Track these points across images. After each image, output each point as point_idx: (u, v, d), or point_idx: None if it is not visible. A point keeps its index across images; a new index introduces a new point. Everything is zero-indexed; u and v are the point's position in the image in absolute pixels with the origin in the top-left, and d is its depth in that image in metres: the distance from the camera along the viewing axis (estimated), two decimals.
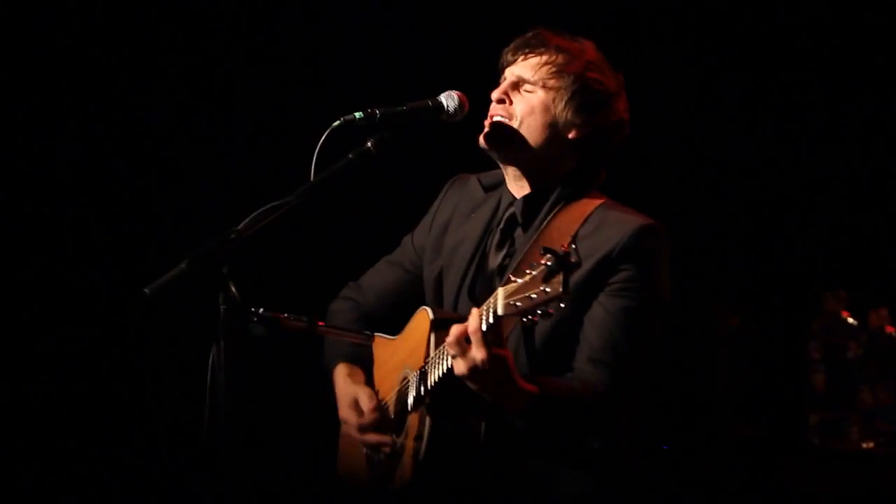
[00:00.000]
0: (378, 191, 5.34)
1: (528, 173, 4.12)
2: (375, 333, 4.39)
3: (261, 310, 3.77)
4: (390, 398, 4.19)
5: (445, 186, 4.42)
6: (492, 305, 3.60)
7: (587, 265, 3.94)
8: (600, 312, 3.93)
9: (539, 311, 3.48)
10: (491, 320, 3.63)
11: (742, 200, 7.59)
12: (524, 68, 4.10)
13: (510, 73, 4.13)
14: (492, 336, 3.69)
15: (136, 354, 7.03)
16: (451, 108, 4.06)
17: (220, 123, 7.08)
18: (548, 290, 3.45)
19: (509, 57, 4.14)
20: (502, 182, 4.23)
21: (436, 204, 4.41)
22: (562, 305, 3.45)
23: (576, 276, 3.86)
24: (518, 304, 3.50)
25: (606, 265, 3.94)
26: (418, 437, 3.92)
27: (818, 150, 7.53)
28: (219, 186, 6.93)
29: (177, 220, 6.86)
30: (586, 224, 4.00)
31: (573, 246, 3.48)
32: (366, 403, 4.21)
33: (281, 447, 6.97)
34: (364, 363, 4.41)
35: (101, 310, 6.99)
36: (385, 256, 4.53)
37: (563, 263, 3.43)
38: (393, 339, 4.30)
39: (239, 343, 3.69)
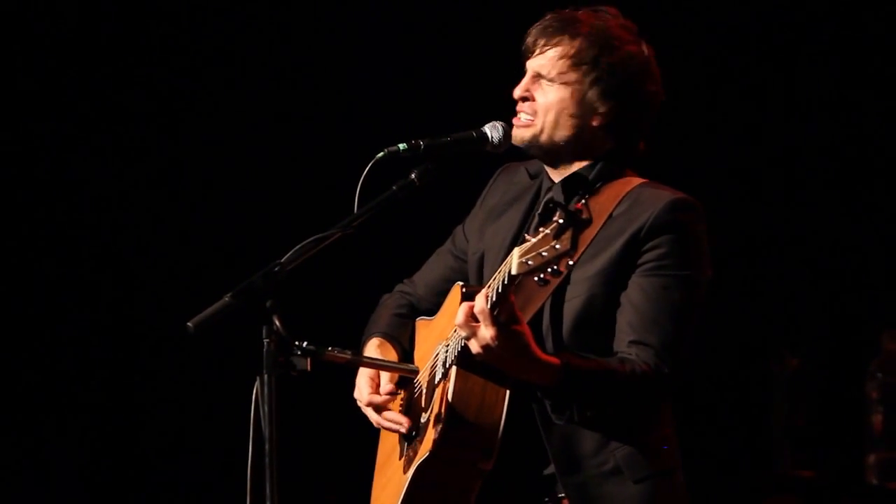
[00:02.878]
0: (424, 223, 5.30)
1: (562, 162, 4.06)
2: (420, 318, 4.35)
3: (304, 343, 3.73)
4: (424, 376, 4.14)
5: (496, 173, 4.35)
6: (506, 269, 3.56)
7: (618, 243, 3.89)
8: (638, 293, 3.88)
9: (549, 269, 3.45)
10: (499, 289, 3.60)
11: (801, 239, 7.53)
12: (542, 62, 4.02)
13: (530, 67, 4.06)
14: (504, 311, 3.66)
15: (179, 389, 7.05)
16: (496, 139, 4.03)
17: (264, 157, 7.11)
18: (557, 246, 3.42)
19: (529, 46, 4.06)
20: (544, 169, 4.19)
21: (486, 189, 4.35)
22: (570, 262, 3.43)
23: (606, 255, 3.87)
24: (530, 262, 3.47)
25: (637, 241, 3.88)
26: (440, 409, 3.88)
27: (873, 190, 7.46)
28: (263, 219, 6.94)
29: (222, 254, 6.87)
30: (621, 203, 3.94)
31: (584, 202, 3.48)
32: (384, 379, 4.17)
33: (323, 481, 6.95)
34: (402, 343, 4.35)
35: (145, 343, 7.02)
36: (437, 248, 4.48)
37: (573, 219, 3.41)
38: (432, 319, 4.27)
39: (283, 377, 3.67)
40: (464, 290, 3.95)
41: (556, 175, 4.10)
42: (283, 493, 3.59)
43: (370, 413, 4.19)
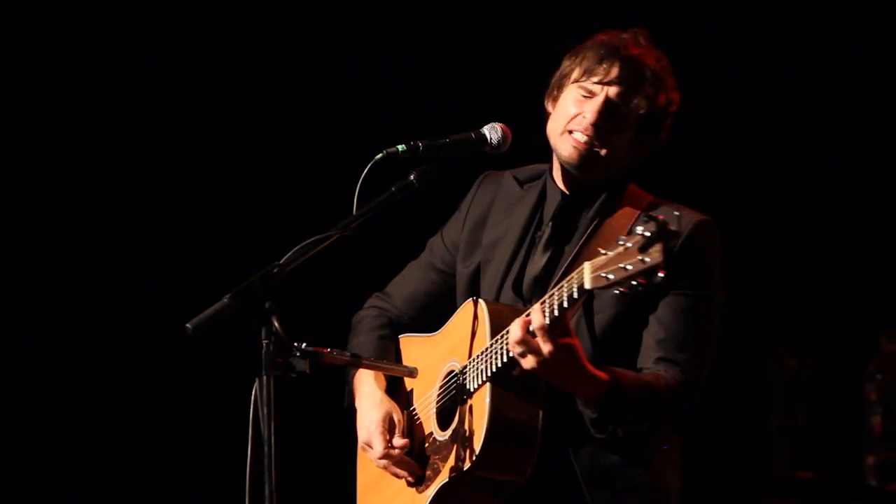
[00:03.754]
0: (423, 224, 5.31)
1: (591, 180, 4.11)
2: (404, 334, 4.34)
3: (304, 344, 3.73)
4: (428, 396, 4.13)
5: (476, 183, 4.37)
6: (574, 284, 3.59)
7: None
8: (666, 312, 3.95)
9: (634, 282, 3.46)
10: (565, 305, 3.63)
11: (800, 240, 7.52)
12: (620, 100, 4.06)
13: (604, 93, 4.06)
14: (559, 327, 3.69)
15: (179, 390, 7.05)
16: (495, 141, 4.04)
17: (264, 157, 7.11)
18: (646, 259, 3.43)
19: (605, 70, 4.07)
20: (540, 176, 4.21)
21: (467, 200, 4.37)
22: (660, 275, 3.43)
23: None
24: (610, 276, 3.49)
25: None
26: (468, 427, 3.88)
27: (873, 191, 7.45)
28: (262, 220, 6.94)
29: (221, 255, 6.86)
30: (639, 220, 3.93)
31: (676, 214, 3.47)
32: (397, 435, 4.15)
33: (322, 482, 6.95)
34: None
35: (145, 343, 7.02)
36: (411, 262, 4.48)
37: (664, 232, 3.41)
38: (430, 336, 4.26)
39: (282, 378, 3.67)
40: (487, 308, 3.96)
41: (563, 184, 4.14)
42: (282, 493, 3.59)
43: (377, 462, 4.17)
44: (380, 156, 3.94)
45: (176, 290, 6.94)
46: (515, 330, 3.74)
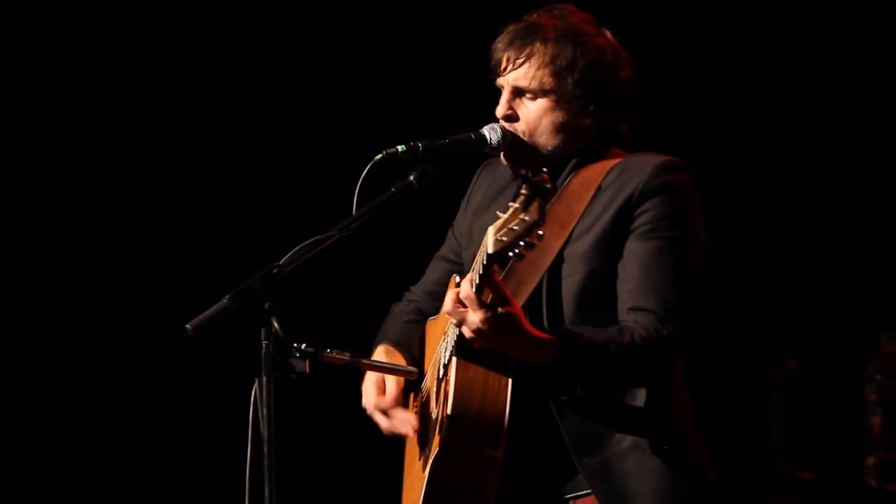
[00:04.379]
0: (423, 225, 5.30)
1: (555, 160, 4.05)
2: (429, 318, 4.35)
3: (303, 345, 3.73)
4: (432, 376, 4.14)
5: (478, 171, 4.37)
6: (483, 249, 3.56)
7: (609, 213, 3.90)
8: (633, 259, 3.88)
9: (522, 243, 3.45)
10: (480, 270, 3.61)
11: (800, 240, 7.52)
12: (518, 77, 4.02)
13: (506, 83, 4.05)
14: (491, 292, 3.66)
15: (178, 390, 7.05)
16: (495, 141, 4.04)
17: (263, 158, 7.11)
18: (526, 217, 3.43)
19: (500, 62, 4.05)
20: None
21: (470, 189, 4.37)
22: (540, 233, 3.43)
23: (599, 227, 3.89)
24: (503, 238, 3.47)
25: (629, 207, 3.90)
26: (445, 403, 3.87)
27: (873, 191, 7.46)
28: (262, 221, 6.94)
29: (220, 256, 6.87)
30: (609, 174, 3.96)
31: (545, 171, 3.46)
32: (391, 386, 4.16)
33: (322, 482, 6.95)
34: (410, 349, 4.33)
35: (144, 344, 7.02)
36: (435, 253, 4.48)
37: (538, 189, 3.42)
38: (437, 318, 4.27)
39: (281, 379, 3.67)
40: (458, 281, 3.94)
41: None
42: (282, 494, 3.59)
43: (380, 419, 4.18)
44: (379, 156, 3.94)
45: (176, 291, 6.94)
46: (447, 301, 3.75)
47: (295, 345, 3.71)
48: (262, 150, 7.13)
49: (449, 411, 3.82)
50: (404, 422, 4.12)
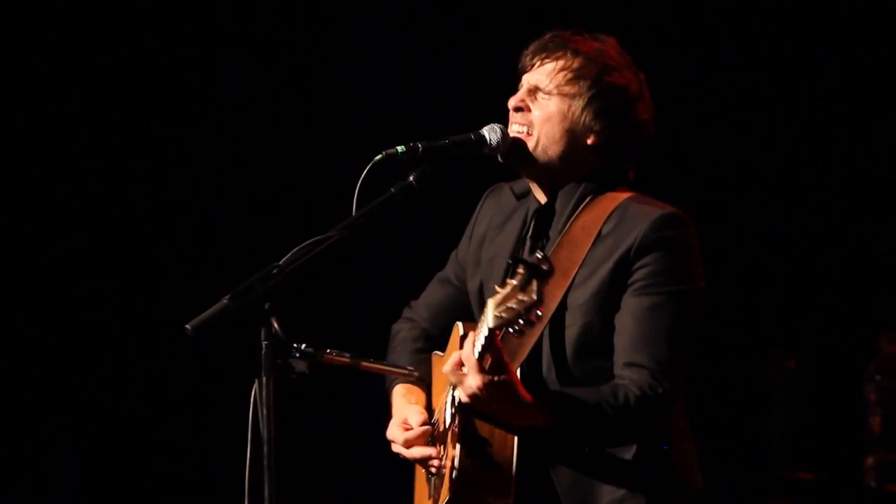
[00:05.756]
0: (422, 222, 5.34)
1: (550, 181, 4.06)
2: (436, 352, 4.35)
3: (303, 345, 3.74)
4: (441, 415, 4.14)
5: (483, 198, 4.36)
6: (485, 321, 3.57)
7: (608, 265, 3.90)
8: (628, 314, 3.88)
9: (521, 321, 3.46)
10: (482, 340, 3.61)
11: (799, 240, 7.52)
12: (540, 75, 4.03)
13: (527, 80, 4.06)
14: (491, 358, 3.66)
15: (178, 391, 7.05)
16: (494, 142, 4.03)
17: (263, 159, 7.11)
18: (524, 298, 3.43)
19: (527, 61, 4.07)
20: (530, 188, 4.18)
21: (474, 216, 4.35)
22: (539, 313, 3.44)
23: (597, 279, 3.88)
24: (503, 315, 3.48)
25: (626, 262, 3.89)
26: (453, 452, 3.88)
27: (872, 191, 7.46)
28: (261, 221, 6.94)
29: (220, 256, 6.87)
30: (608, 221, 3.95)
31: (542, 254, 3.47)
32: (415, 420, 4.13)
33: (321, 483, 6.95)
34: (426, 383, 4.33)
35: (144, 345, 7.02)
36: (437, 273, 4.47)
37: (535, 272, 3.42)
38: (445, 354, 4.26)
39: (281, 379, 3.67)
40: (462, 332, 3.96)
41: (541, 194, 4.10)
42: (282, 495, 3.59)
43: (400, 450, 4.16)
44: (379, 157, 3.94)
45: (175, 291, 6.95)
46: (448, 364, 3.75)
47: (294, 345, 3.72)
48: (262, 150, 7.14)
49: (458, 464, 3.84)
50: (425, 457, 4.10)
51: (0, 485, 7.03)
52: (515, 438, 3.83)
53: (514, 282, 3.46)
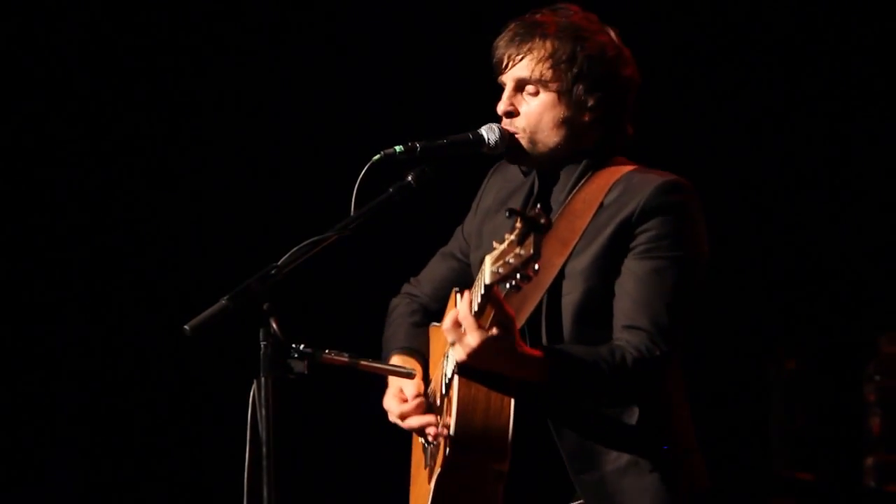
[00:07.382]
0: (421, 226, 5.32)
1: (556, 162, 4.07)
2: (434, 323, 4.34)
3: (301, 345, 3.74)
4: (437, 383, 4.14)
5: (489, 173, 4.37)
6: (482, 278, 3.56)
7: (609, 231, 3.90)
8: (629, 278, 3.88)
9: (519, 276, 3.45)
10: (479, 298, 3.61)
11: (799, 240, 7.52)
12: (519, 72, 4.03)
13: (508, 80, 4.06)
14: (493, 312, 3.65)
15: (177, 391, 7.05)
16: (493, 141, 4.04)
17: (261, 159, 7.11)
18: (521, 252, 3.42)
19: (501, 60, 4.07)
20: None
21: (481, 190, 4.36)
22: (536, 268, 3.42)
23: (598, 245, 3.89)
24: (500, 270, 3.47)
25: (627, 228, 3.90)
26: (452, 412, 3.87)
27: (872, 191, 7.46)
28: (260, 221, 6.95)
29: (219, 256, 6.87)
30: (611, 191, 3.96)
31: (538, 207, 3.50)
32: (409, 391, 4.13)
33: (321, 483, 6.95)
34: (422, 354, 4.34)
35: (143, 345, 7.02)
36: (441, 248, 4.48)
37: (532, 224, 3.41)
38: (441, 325, 4.26)
39: (280, 379, 3.67)
40: (459, 295, 3.94)
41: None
42: (281, 495, 3.59)
43: (395, 420, 4.15)
44: (377, 157, 3.94)
45: (174, 292, 6.95)
46: (446, 321, 3.75)
47: (293, 345, 3.72)
48: (261, 150, 7.14)
49: (452, 430, 3.83)
50: (424, 424, 4.09)
51: (0, 485, 7.03)
52: (511, 402, 3.82)
53: (512, 237, 3.45)
